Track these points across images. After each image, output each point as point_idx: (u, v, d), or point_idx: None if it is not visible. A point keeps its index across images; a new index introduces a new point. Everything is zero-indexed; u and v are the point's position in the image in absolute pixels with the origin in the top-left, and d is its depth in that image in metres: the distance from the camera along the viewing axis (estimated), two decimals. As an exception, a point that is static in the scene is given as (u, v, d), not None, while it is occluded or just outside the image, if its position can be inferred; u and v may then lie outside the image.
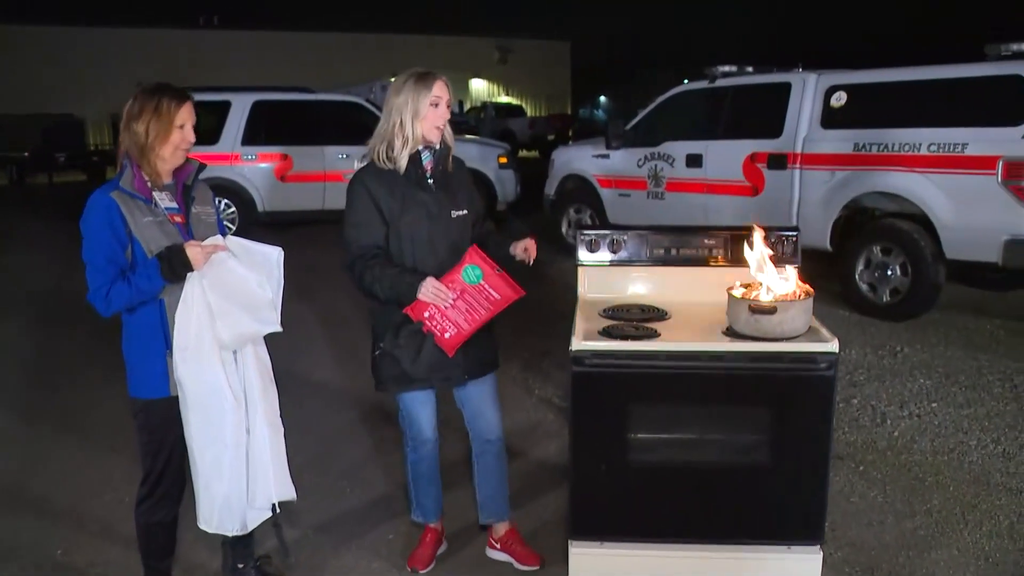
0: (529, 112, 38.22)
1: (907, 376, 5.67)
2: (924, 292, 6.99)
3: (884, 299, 7.18)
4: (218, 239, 2.86)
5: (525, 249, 3.20)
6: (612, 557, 3.04)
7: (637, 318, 3.22)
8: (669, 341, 2.94)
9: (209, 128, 11.29)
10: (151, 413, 2.92)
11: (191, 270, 2.78)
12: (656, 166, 9.19)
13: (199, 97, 11.01)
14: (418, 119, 3.10)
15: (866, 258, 7.32)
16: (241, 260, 2.87)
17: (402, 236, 3.14)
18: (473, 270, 3.07)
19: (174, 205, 2.91)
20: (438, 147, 3.19)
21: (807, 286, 2.99)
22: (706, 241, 3.47)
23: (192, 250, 2.76)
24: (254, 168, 11.59)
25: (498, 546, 3.60)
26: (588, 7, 47.73)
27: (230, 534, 2.98)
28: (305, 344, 6.63)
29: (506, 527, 3.59)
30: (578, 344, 2.91)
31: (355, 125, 12.13)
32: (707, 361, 2.88)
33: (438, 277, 3.06)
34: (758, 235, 3.08)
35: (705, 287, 3.44)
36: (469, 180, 3.40)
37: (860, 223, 7.48)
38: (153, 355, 2.87)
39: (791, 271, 3.07)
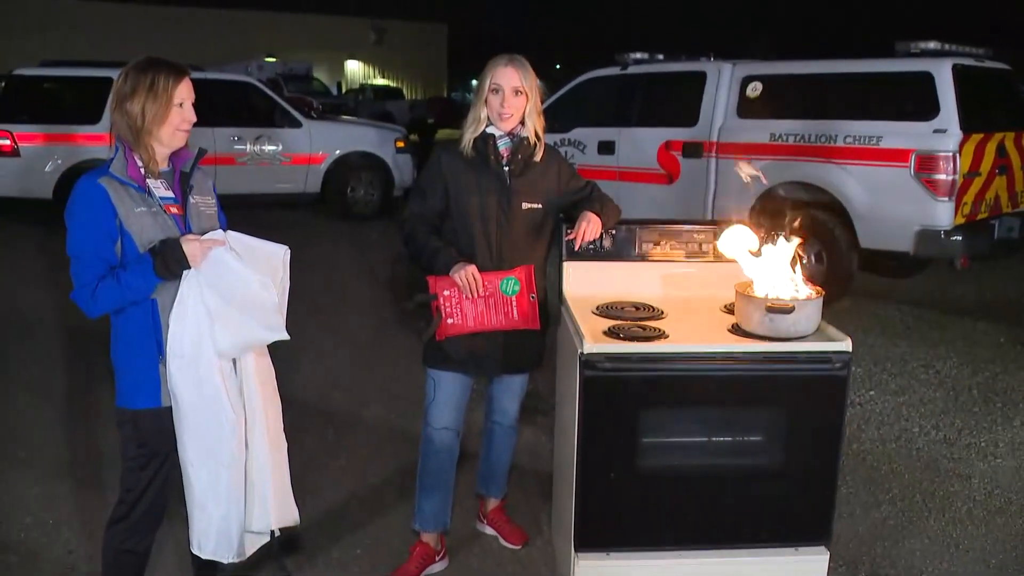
0: (406, 94, 37.71)
1: (839, 364, 5.77)
2: (838, 280, 7.15)
3: (799, 287, 7.31)
4: (218, 234, 2.55)
5: (583, 232, 3.13)
6: (620, 568, 2.90)
7: (634, 317, 3.09)
8: (682, 342, 2.82)
9: (89, 106, 10.57)
10: (140, 425, 2.60)
11: (188, 267, 2.47)
12: (566, 152, 9.07)
13: (75, 73, 10.31)
14: (481, 102, 3.10)
15: (782, 247, 7.42)
16: (243, 258, 2.55)
17: (462, 215, 3.13)
18: (513, 283, 3.06)
19: (170, 195, 2.59)
20: (522, 136, 3.13)
21: (815, 285, 2.93)
22: (695, 236, 3.37)
23: (189, 245, 2.46)
24: None
25: (486, 520, 3.70)
26: (464, -11, 47.38)
27: (226, 561, 2.69)
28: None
29: (496, 503, 3.68)
30: (590, 347, 2.75)
31: (247, 106, 11.66)
32: (722, 362, 2.78)
33: (484, 266, 3.05)
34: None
35: (694, 283, 3.35)
36: (561, 173, 3.29)
37: (776, 212, 7.58)
38: (144, 361, 2.55)
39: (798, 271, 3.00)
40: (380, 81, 39.54)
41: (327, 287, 7.75)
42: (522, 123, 3.14)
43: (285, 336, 2.62)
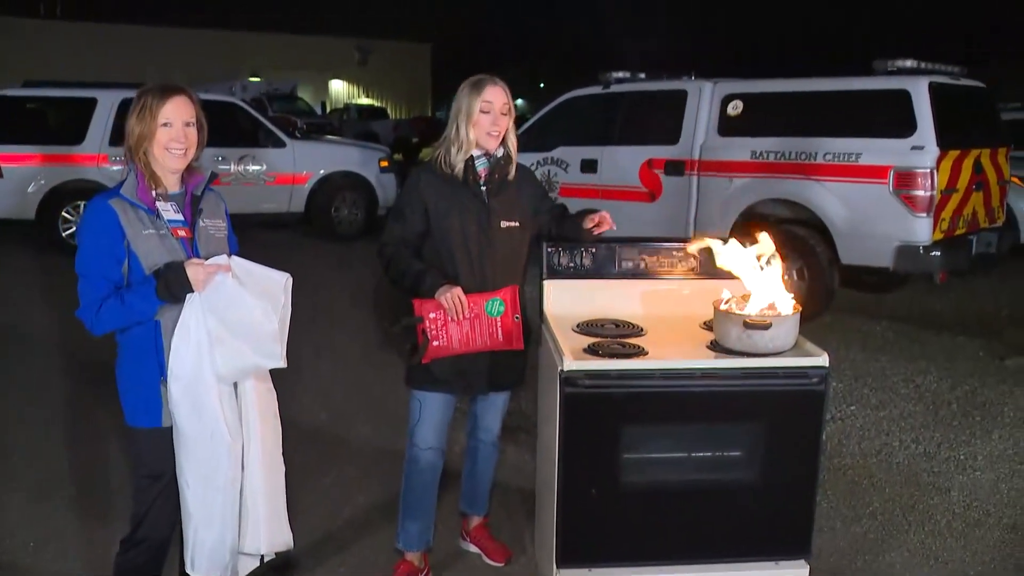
0: (390, 113, 37.78)
1: (820, 379, 5.82)
2: (819, 296, 7.22)
3: (781, 303, 7.37)
4: (222, 259, 2.59)
5: (598, 223, 3.21)
6: (602, 583, 2.93)
7: (614, 334, 3.13)
8: (661, 359, 2.86)
9: (73, 127, 10.65)
10: (143, 444, 2.65)
11: (191, 291, 2.51)
12: (549, 171, 9.14)
13: (59, 93, 10.28)
14: (470, 124, 3.10)
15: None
16: (246, 285, 2.59)
17: (443, 237, 3.14)
18: (499, 305, 3.07)
19: (179, 218, 2.63)
20: (498, 155, 3.16)
21: (793, 300, 2.98)
22: (674, 253, 3.42)
23: (193, 269, 2.50)
24: (123, 170, 10.89)
25: (469, 538, 3.71)
26: (448, 8, 47.62)
27: None
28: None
29: (479, 521, 3.69)
30: (570, 364, 2.78)
31: (231, 127, 11.64)
32: (701, 379, 2.82)
33: (468, 287, 3.06)
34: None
35: (674, 300, 3.40)
36: (533, 190, 3.35)
37: (757, 229, 7.65)
38: (146, 382, 2.60)
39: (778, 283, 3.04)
40: (364, 101, 39.60)
41: (313, 307, 7.73)
42: (501, 142, 3.18)
43: (283, 364, 2.66)
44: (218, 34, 35.59)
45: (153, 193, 2.61)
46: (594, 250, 3.38)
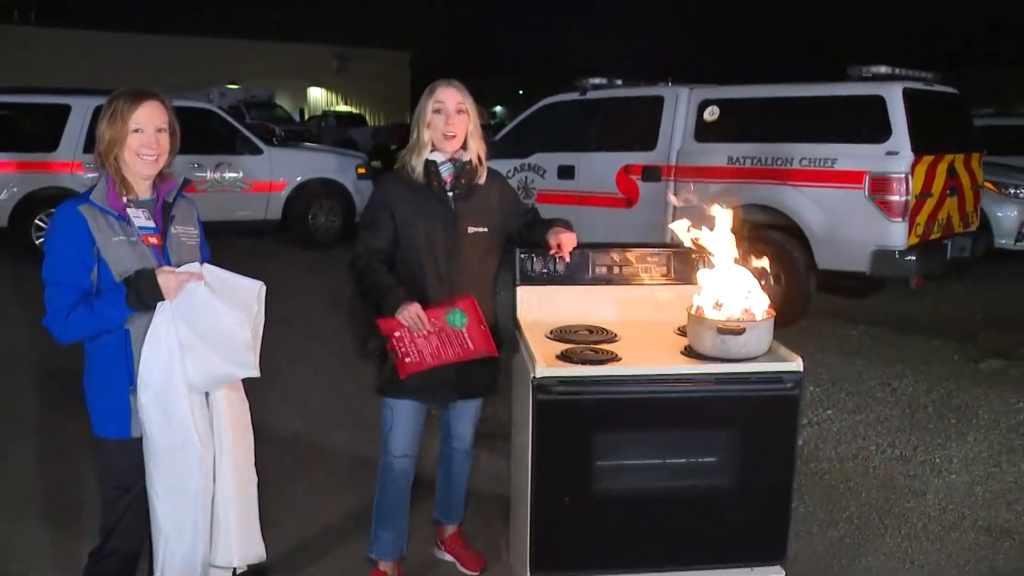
0: (369, 121, 37.69)
1: (797, 384, 5.82)
2: (797, 301, 7.25)
3: (758, 308, 7.38)
4: (194, 266, 2.56)
5: (560, 244, 3.15)
6: (576, 591, 2.91)
7: (588, 340, 3.11)
8: (634, 365, 2.84)
9: (46, 134, 10.53)
10: (111, 454, 2.60)
11: (162, 299, 2.47)
12: (526, 177, 9.13)
13: (32, 100, 10.19)
14: (424, 125, 3.08)
15: (740, 268, 7.50)
16: (218, 293, 2.55)
17: (409, 244, 3.11)
18: (459, 315, 3.02)
19: (151, 224, 2.60)
20: (464, 159, 3.12)
21: (767, 303, 2.96)
22: (648, 259, 3.41)
23: (164, 277, 2.46)
24: (96, 178, 10.81)
25: (443, 547, 3.67)
26: (426, 17, 47.64)
27: None
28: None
29: (454, 529, 3.65)
30: (542, 370, 2.76)
31: (207, 134, 11.56)
32: (674, 384, 2.80)
33: (436, 294, 3.05)
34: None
35: (648, 306, 3.38)
36: (504, 196, 3.31)
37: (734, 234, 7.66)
38: (115, 391, 2.55)
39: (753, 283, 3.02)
40: (343, 108, 39.49)
41: (289, 314, 7.68)
42: (464, 147, 3.14)
43: (255, 373, 2.63)
44: (196, 41, 35.37)
45: (124, 199, 2.58)
46: (567, 256, 3.35)
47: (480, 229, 3.16)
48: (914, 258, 6.82)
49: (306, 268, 10.19)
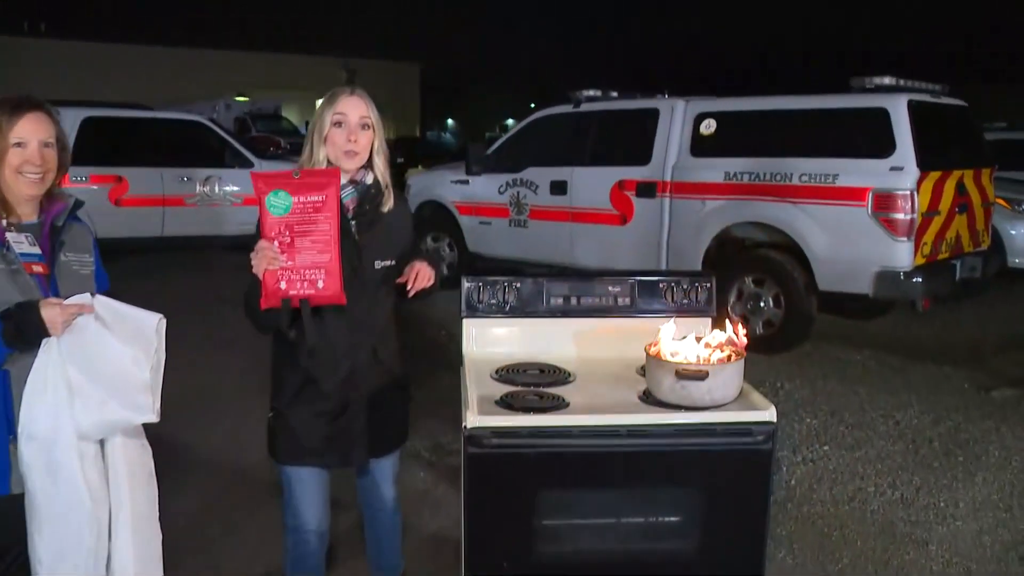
0: (378, 134, 37.47)
1: (793, 415, 5.44)
2: (798, 324, 6.87)
3: (757, 331, 7.00)
4: (84, 298, 2.23)
5: (417, 274, 2.66)
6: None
7: (537, 381, 2.75)
8: (582, 413, 2.48)
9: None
10: None
11: (47, 335, 2.16)
12: (519, 193, 8.78)
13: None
14: (321, 140, 2.64)
15: (738, 289, 7.14)
16: (112, 328, 2.24)
17: None
18: (277, 197, 2.38)
19: (36, 251, 2.29)
20: (368, 183, 2.70)
21: (740, 344, 2.59)
22: (611, 288, 3.04)
23: (49, 311, 2.15)
24: (84, 191, 10.58)
25: None
26: (436, 29, 47.54)
27: None
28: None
29: None
30: (474, 420, 2.41)
31: (197, 146, 11.35)
32: (627, 438, 2.44)
33: (336, 338, 2.63)
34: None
35: (610, 340, 3.01)
36: (409, 223, 2.91)
37: (732, 253, 7.31)
38: None
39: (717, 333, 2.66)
40: (352, 120, 39.35)
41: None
42: (366, 166, 2.74)
43: (154, 418, 2.31)
44: (204, 53, 35.33)
45: (3, 223, 2.27)
46: (519, 284, 3.00)
47: (388, 263, 2.74)
48: (921, 279, 6.43)
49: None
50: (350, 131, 2.64)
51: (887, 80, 6.71)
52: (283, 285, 2.41)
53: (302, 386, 2.68)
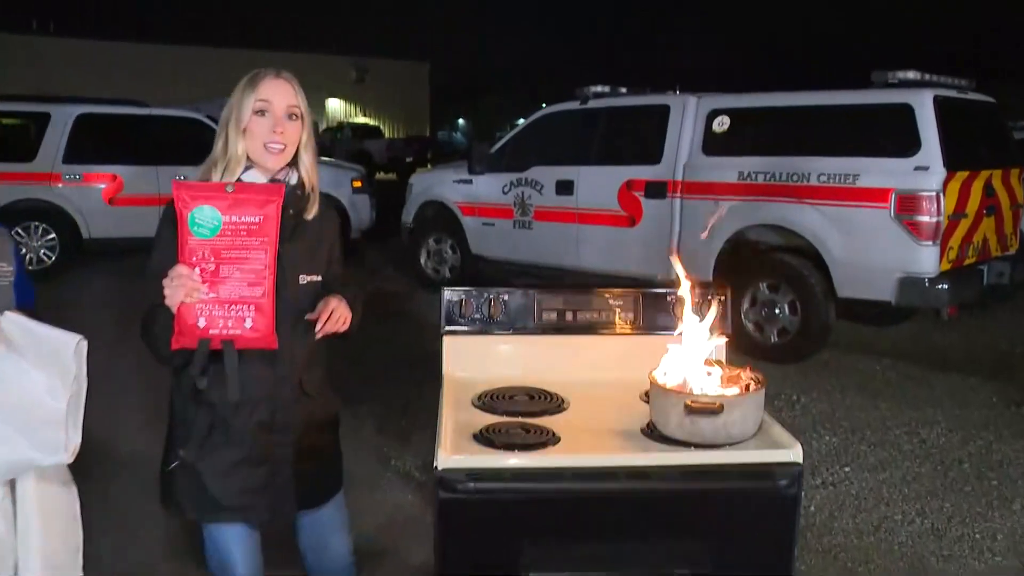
0: (387, 133, 37.24)
1: (811, 432, 5.07)
2: (814, 332, 6.51)
3: (772, 339, 6.64)
4: None
5: (331, 313, 2.19)
6: None
7: (525, 410, 2.39)
8: (575, 452, 2.13)
9: (24, 143, 10.15)
10: None
11: None
12: (523, 193, 8.44)
13: (9, 108, 9.67)
14: (239, 132, 2.18)
15: (752, 295, 6.77)
16: (23, 351, 1.91)
17: None
18: (203, 214, 1.96)
19: None
20: (291, 183, 2.25)
21: (757, 373, 2.23)
22: (611, 302, 2.69)
23: None
24: (78, 189, 10.34)
25: None
26: (447, 28, 47.22)
27: None
28: (115, 412, 5.43)
29: None
30: (446, 460, 2.05)
31: (194, 143, 10.95)
32: (627, 481, 2.08)
33: (250, 371, 2.13)
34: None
35: (610, 361, 2.65)
36: (335, 232, 2.45)
37: (745, 258, 6.93)
38: None
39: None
40: (361, 119, 39.08)
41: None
42: (291, 164, 2.29)
43: (66, 459, 1.92)
44: (214, 52, 35.07)
45: None
46: (507, 297, 2.64)
47: (314, 278, 2.29)
48: (946, 286, 6.06)
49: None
50: (276, 122, 2.19)
51: (911, 74, 6.35)
52: (202, 322, 1.99)
53: (211, 429, 2.21)
